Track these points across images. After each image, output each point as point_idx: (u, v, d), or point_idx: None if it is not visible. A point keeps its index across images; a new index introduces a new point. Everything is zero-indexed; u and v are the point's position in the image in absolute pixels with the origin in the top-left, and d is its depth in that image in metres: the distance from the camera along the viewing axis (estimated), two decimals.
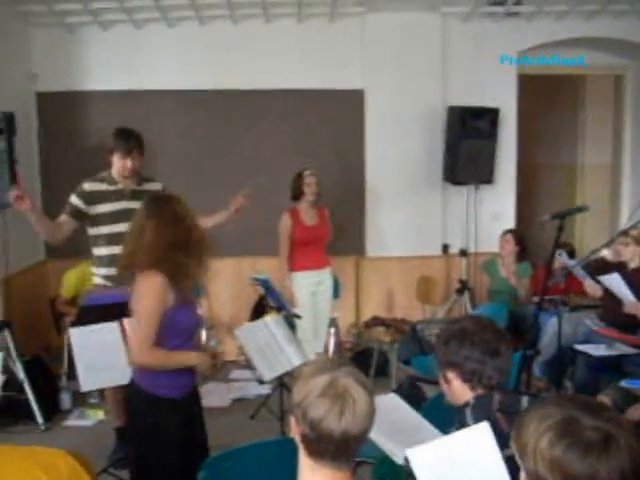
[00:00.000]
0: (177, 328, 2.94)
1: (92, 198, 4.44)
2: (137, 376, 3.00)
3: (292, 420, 1.82)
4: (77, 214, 4.43)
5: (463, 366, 2.41)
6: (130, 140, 4.51)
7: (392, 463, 2.52)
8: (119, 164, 4.50)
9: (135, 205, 4.18)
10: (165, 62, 6.56)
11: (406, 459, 1.98)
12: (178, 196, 3.10)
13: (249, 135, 6.68)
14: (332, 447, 1.74)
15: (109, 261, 4.22)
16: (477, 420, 2.28)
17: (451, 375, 2.45)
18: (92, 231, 4.47)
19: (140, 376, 2.99)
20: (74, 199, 4.45)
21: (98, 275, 4.46)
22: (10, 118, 5.21)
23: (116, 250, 3.53)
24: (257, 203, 6.38)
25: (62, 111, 6.60)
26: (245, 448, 2.83)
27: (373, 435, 2.04)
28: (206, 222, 4.19)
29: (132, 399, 3.03)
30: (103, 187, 4.49)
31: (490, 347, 2.41)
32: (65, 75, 6.59)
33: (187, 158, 6.60)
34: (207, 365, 3.03)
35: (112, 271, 3.93)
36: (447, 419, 2.57)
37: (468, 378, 2.41)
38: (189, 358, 3.01)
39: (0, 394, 4.39)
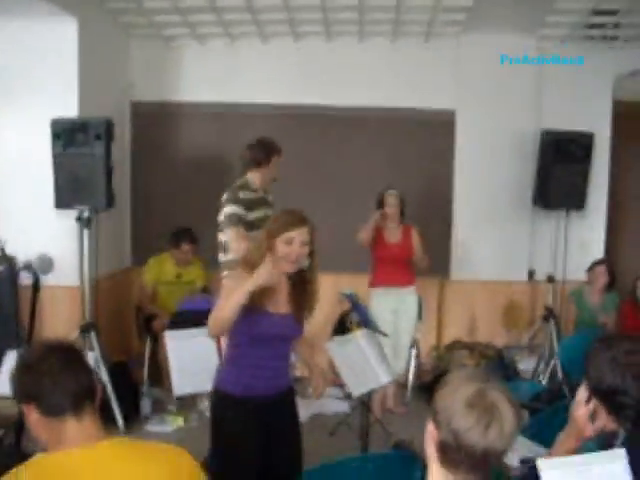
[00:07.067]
0: (240, 328, 2.93)
1: (249, 204, 4.52)
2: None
3: (429, 425, 1.76)
4: (239, 222, 4.47)
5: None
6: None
7: None
8: (275, 168, 4.66)
9: (270, 213, 4.37)
10: (259, 77, 6.63)
11: (522, 461, 1.91)
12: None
13: (339, 152, 6.71)
14: (471, 460, 1.68)
15: None
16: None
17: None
18: None
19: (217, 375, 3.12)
20: (234, 209, 4.48)
21: None
22: (109, 124, 5.32)
23: None
24: (344, 219, 6.43)
25: (155, 121, 6.74)
26: (344, 461, 2.80)
27: None
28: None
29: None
30: (252, 195, 4.59)
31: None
32: (160, 86, 6.75)
33: None
34: (265, 273, 2.80)
35: None
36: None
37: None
38: (244, 285, 2.81)
39: None
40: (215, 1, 5.80)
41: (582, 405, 2.18)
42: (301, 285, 3.06)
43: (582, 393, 2.20)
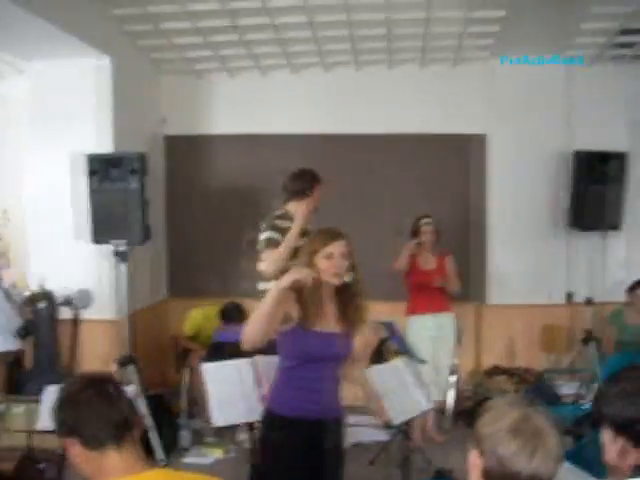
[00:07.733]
0: (290, 349, 3.01)
1: (286, 233, 4.43)
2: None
3: (472, 453, 1.73)
4: (276, 246, 4.38)
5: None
6: None
7: None
8: (316, 199, 4.65)
9: None
10: (290, 107, 6.71)
11: None
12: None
13: (371, 180, 6.72)
14: None
15: None
16: None
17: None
18: None
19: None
20: (271, 234, 4.41)
21: None
22: (143, 159, 5.39)
23: None
24: (378, 247, 6.42)
25: (188, 154, 6.83)
26: None
27: None
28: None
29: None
30: (291, 225, 4.50)
31: None
32: (192, 119, 6.85)
33: None
34: (302, 275, 2.86)
35: None
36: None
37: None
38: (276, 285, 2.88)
39: None
40: (245, 35, 5.88)
41: (608, 445, 2.09)
42: (348, 300, 3.08)
43: (605, 435, 2.12)
